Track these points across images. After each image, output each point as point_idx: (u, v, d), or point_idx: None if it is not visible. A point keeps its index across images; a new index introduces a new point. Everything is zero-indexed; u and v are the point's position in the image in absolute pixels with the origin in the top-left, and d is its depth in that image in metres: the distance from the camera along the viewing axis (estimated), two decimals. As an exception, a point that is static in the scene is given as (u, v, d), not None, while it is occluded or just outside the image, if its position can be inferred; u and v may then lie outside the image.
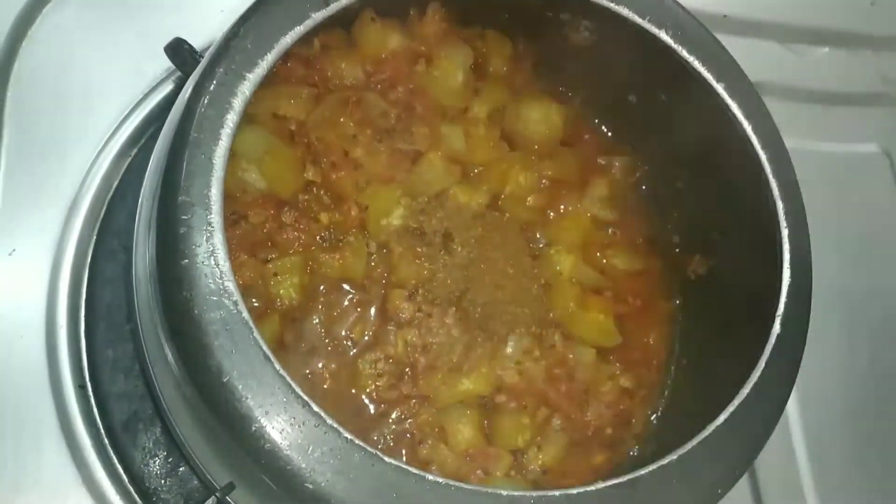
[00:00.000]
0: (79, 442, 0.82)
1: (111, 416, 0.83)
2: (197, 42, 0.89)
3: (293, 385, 0.56)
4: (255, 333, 0.56)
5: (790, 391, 0.71)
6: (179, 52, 0.86)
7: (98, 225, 0.88)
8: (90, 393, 0.84)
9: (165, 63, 0.90)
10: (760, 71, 1.18)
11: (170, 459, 0.83)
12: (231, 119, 0.60)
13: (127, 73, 0.93)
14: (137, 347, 0.84)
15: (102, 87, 0.92)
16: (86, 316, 0.85)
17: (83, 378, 0.84)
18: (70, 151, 0.89)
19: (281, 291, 0.78)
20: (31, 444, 0.81)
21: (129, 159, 0.91)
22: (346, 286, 0.81)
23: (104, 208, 0.89)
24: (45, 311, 0.85)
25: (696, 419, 0.71)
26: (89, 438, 0.82)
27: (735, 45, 1.17)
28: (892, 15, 1.27)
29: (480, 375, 0.81)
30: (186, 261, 0.56)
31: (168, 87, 0.94)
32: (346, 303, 0.81)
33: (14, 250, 0.85)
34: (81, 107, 0.91)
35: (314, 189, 0.81)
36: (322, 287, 0.81)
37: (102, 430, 0.83)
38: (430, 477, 0.57)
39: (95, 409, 0.83)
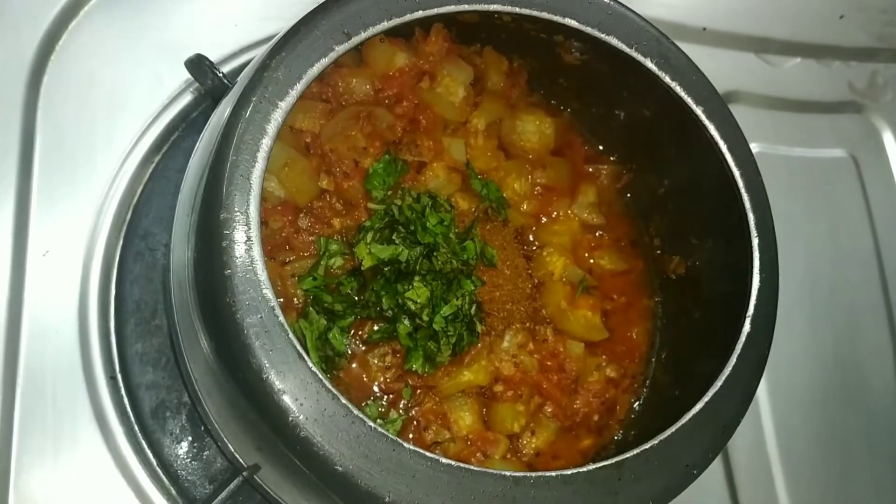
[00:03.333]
0: (111, 429, 0.88)
1: (140, 405, 0.90)
2: (213, 55, 0.95)
3: (324, 380, 0.63)
4: (291, 335, 0.63)
5: (758, 382, 0.78)
6: (199, 67, 0.92)
7: (125, 228, 0.94)
8: (121, 384, 0.90)
9: (184, 75, 0.96)
10: (736, 80, 1.26)
11: (195, 444, 0.89)
12: (266, 143, 0.67)
13: (148, 84, 0.99)
14: (165, 342, 0.90)
15: (125, 98, 0.98)
16: (115, 312, 0.91)
17: (114, 370, 0.90)
18: (97, 160, 0.95)
19: (298, 291, 0.84)
20: (68, 431, 0.87)
21: (153, 166, 0.97)
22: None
23: (130, 212, 0.95)
24: (78, 308, 0.91)
25: (674, 407, 0.78)
26: (121, 426, 0.88)
27: (713, 56, 1.26)
28: (860, 28, 1.35)
29: (480, 367, 0.88)
30: (229, 270, 0.63)
31: (186, 99, 1.00)
32: (357, 301, 0.89)
33: (48, 252, 0.91)
34: (106, 117, 0.96)
35: (327, 196, 0.88)
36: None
37: (133, 418, 0.89)
38: (444, 460, 0.64)
39: (126, 399, 0.89)
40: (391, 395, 0.86)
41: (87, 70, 0.96)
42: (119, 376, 0.90)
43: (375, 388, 0.86)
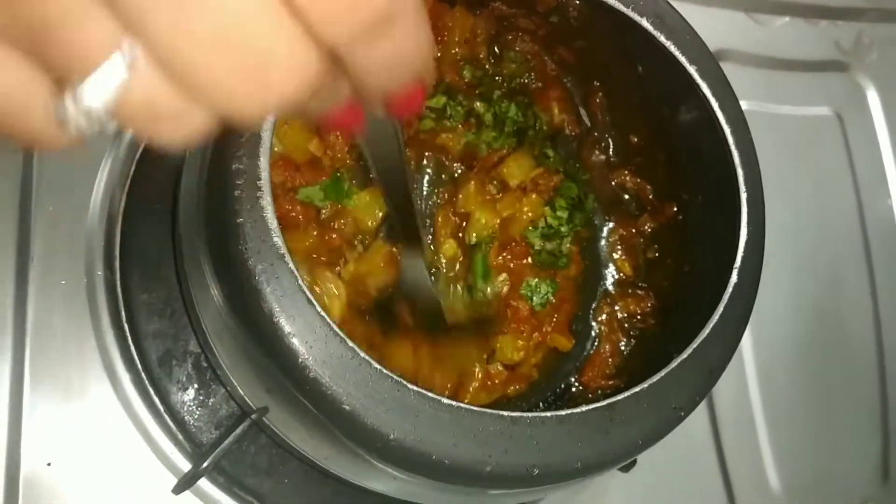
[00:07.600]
0: (119, 377, 0.90)
1: (147, 354, 0.92)
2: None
3: (332, 324, 0.66)
4: (300, 281, 0.66)
5: (744, 329, 0.81)
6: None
7: (129, 180, 0.95)
8: (127, 333, 0.92)
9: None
10: (725, 38, 1.28)
11: (201, 392, 0.92)
12: (275, 97, 0.69)
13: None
14: (171, 292, 0.92)
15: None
16: (121, 264, 0.93)
17: (120, 320, 0.92)
18: (100, 115, 0.96)
19: (300, 242, 0.87)
20: (77, 381, 0.89)
21: (156, 121, 0.98)
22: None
23: (133, 165, 0.96)
24: (84, 260, 0.92)
25: (662, 355, 0.81)
26: (128, 374, 0.90)
27: (702, 14, 1.27)
28: (848, -12, 1.37)
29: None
30: (241, 219, 0.66)
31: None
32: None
33: (53, 205, 0.92)
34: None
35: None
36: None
37: (140, 367, 0.91)
38: (445, 401, 0.67)
39: (133, 348, 0.91)
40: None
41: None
42: (126, 326, 0.92)
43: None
